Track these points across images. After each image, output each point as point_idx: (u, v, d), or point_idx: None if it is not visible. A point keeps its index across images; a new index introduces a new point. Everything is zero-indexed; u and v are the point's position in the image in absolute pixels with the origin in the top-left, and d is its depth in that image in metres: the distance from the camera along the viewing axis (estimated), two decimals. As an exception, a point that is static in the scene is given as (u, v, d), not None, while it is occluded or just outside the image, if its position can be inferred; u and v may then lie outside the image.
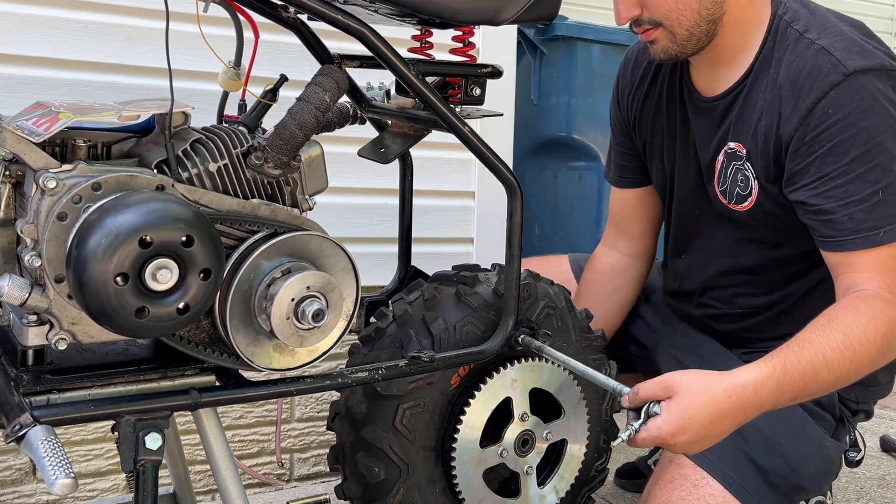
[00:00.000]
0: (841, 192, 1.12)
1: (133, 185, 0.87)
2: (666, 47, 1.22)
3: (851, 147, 1.11)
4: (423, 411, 1.16)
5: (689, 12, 1.18)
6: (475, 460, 1.19)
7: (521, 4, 1.07)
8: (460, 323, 1.18)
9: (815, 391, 1.06)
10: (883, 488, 1.85)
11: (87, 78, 1.66)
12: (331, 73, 1.00)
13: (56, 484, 0.74)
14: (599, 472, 1.34)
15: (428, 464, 1.19)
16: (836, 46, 1.15)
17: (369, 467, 1.16)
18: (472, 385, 1.18)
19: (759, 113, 1.21)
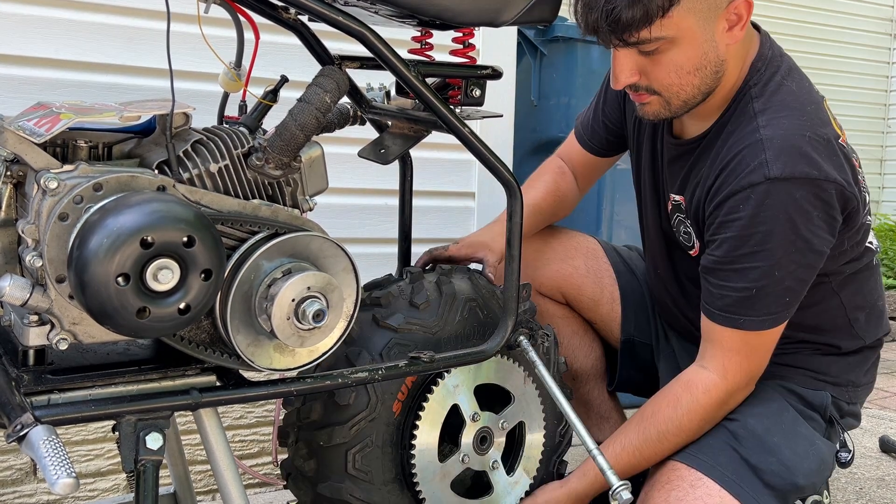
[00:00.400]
0: (724, 276, 1.21)
1: (134, 186, 0.87)
2: (658, 112, 1.25)
3: (745, 244, 1.18)
4: (372, 449, 1.14)
5: (689, 87, 1.21)
6: (439, 476, 1.18)
7: (520, 6, 1.07)
8: (385, 350, 1.15)
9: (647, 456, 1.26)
10: (882, 489, 1.86)
11: (89, 79, 1.67)
12: (331, 74, 1.00)
13: (57, 483, 0.74)
14: (563, 436, 1.35)
15: (393, 495, 1.17)
16: (774, 144, 1.17)
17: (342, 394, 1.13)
18: (415, 405, 1.17)
19: (700, 179, 1.27)
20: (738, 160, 1.19)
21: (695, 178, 1.29)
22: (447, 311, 1.20)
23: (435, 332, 1.18)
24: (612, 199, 2.32)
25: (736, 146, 1.21)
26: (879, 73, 5.03)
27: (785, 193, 1.15)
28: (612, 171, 2.30)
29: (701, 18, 1.15)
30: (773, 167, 1.15)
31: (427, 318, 1.18)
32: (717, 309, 1.22)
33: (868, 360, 1.40)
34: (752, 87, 1.24)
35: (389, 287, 1.21)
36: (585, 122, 1.55)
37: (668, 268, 1.45)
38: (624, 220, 2.30)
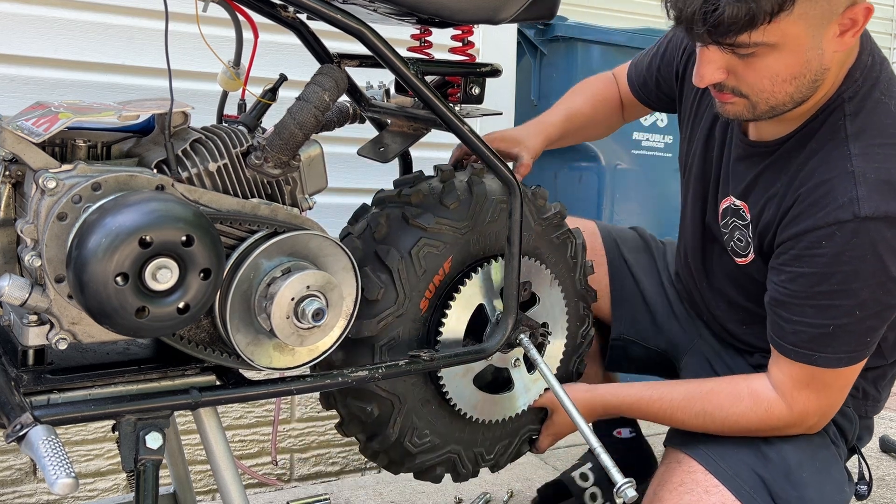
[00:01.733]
0: (798, 310, 1.13)
1: (133, 185, 0.87)
2: (740, 114, 1.13)
3: (824, 281, 1.09)
4: (399, 343, 1.14)
5: (782, 95, 1.09)
6: (462, 372, 1.19)
7: (519, 3, 1.07)
8: (415, 248, 1.13)
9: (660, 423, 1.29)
10: (882, 488, 1.85)
11: (89, 78, 1.67)
12: (330, 72, 1.00)
13: (57, 483, 0.74)
14: (585, 338, 1.37)
15: (417, 388, 1.18)
16: (868, 178, 1.07)
17: (362, 408, 1.15)
18: (441, 304, 1.17)
19: (773, 195, 1.17)
20: (825, 191, 1.08)
21: (765, 190, 1.18)
22: (477, 212, 1.18)
23: (464, 232, 1.17)
24: (612, 199, 2.32)
25: (822, 172, 1.10)
26: None
27: (875, 232, 1.06)
28: (613, 170, 2.31)
29: (811, 25, 1.03)
30: (864, 206, 1.05)
31: (457, 217, 1.16)
32: (788, 343, 1.14)
33: (886, 376, 1.33)
34: (847, 101, 1.12)
35: (419, 185, 1.18)
36: (639, 69, 1.47)
37: (700, 259, 1.37)
38: (624, 219, 2.30)
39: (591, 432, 1.18)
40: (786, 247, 1.13)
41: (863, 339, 1.12)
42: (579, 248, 1.33)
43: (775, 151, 1.18)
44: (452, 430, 1.23)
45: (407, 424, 1.18)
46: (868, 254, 1.06)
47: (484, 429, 1.26)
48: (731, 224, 1.26)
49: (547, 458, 2.01)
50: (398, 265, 1.12)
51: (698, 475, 1.20)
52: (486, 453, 1.28)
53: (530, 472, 1.92)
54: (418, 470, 1.24)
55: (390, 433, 1.17)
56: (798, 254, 1.11)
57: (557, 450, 2.06)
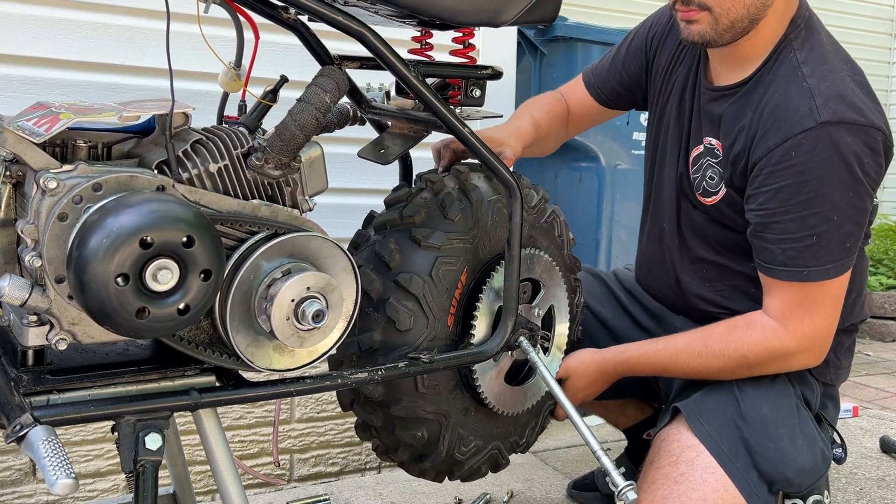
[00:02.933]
0: (781, 228, 1.21)
1: (133, 186, 0.87)
2: (704, 31, 1.25)
3: (800, 191, 1.19)
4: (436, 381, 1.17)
5: (740, 6, 1.23)
6: (495, 373, 1.22)
7: (520, 6, 1.07)
8: (434, 269, 1.13)
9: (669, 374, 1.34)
10: (883, 489, 1.86)
11: (88, 78, 1.67)
12: (331, 74, 1.00)
13: (57, 484, 0.74)
14: (578, 306, 1.42)
15: (458, 401, 1.21)
16: (822, 91, 1.20)
17: (413, 435, 1.18)
18: (466, 316, 1.19)
19: (742, 126, 1.28)
20: (786, 108, 1.21)
21: (735, 124, 1.29)
22: (479, 218, 1.19)
23: (473, 241, 1.18)
24: (612, 199, 2.32)
25: (782, 95, 1.23)
26: (880, 73, 5.04)
27: (837, 136, 1.17)
28: (613, 170, 2.32)
29: None
30: (823, 112, 1.18)
31: (463, 228, 1.17)
32: (777, 265, 1.22)
33: (845, 344, 1.41)
34: (793, 40, 1.27)
35: (415, 201, 1.18)
36: (598, 71, 1.57)
37: (674, 220, 1.44)
38: (624, 219, 2.30)
39: (592, 435, 1.18)
40: (759, 167, 1.23)
41: (843, 245, 1.21)
42: (563, 224, 1.35)
43: (738, 90, 1.31)
44: (491, 428, 1.26)
45: (454, 438, 1.20)
46: (833, 157, 1.17)
47: (516, 418, 1.30)
48: (704, 164, 1.36)
49: (547, 459, 2.01)
50: (422, 290, 1.13)
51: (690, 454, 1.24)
52: (520, 438, 1.32)
53: (530, 473, 1.92)
54: (467, 475, 1.28)
55: (441, 450, 1.19)
56: (772, 170, 1.21)
57: (558, 451, 2.06)
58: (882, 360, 3.43)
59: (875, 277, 4.09)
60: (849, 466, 1.99)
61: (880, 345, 3.74)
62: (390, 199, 1.25)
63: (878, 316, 3.86)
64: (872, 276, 4.13)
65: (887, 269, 4.24)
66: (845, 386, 2.88)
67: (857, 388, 2.91)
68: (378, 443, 1.25)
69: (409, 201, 1.19)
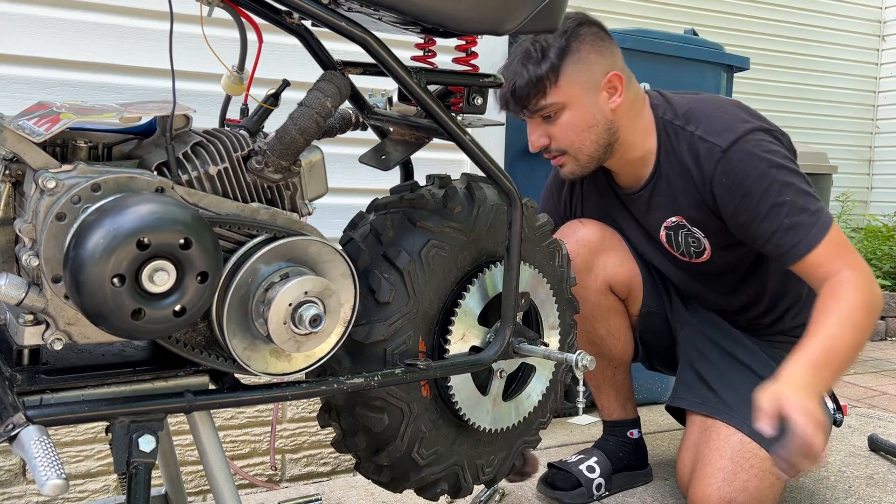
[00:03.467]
0: (766, 226, 1.43)
1: (132, 187, 0.87)
2: (573, 170, 1.55)
3: (752, 195, 1.43)
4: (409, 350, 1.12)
5: (588, 142, 1.51)
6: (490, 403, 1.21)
7: (524, 15, 1.07)
8: (424, 249, 1.13)
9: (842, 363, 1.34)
10: (871, 487, 1.86)
11: (79, 78, 1.67)
12: (333, 78, 1.00)
13: (47, 485, 0.74)
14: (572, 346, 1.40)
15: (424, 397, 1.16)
16: (708, 132, 1.50)
17: (374, 418, 1.13)
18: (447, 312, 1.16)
19: (679, 190, 1.54)
20: (697, 156, 1.49)
21: (673, 194, 1.55)
22: (479, 215, 1.20)
23: (468, 235, 1.18)
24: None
25: (690, 151, 1.51)
26: (868, 74, 5.08)
27: (742, 150, 1.45)
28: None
29: (584, 88, 1.48)
30: (720, 142, 1.47)
31: (460, 220, 1.17)
32: (790, 249, 1.41)
33: None
34: (668, 120, 1.55)
35: (419, 190, 1.20)
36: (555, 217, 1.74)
37: (677, 271, 1.69)
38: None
39: None
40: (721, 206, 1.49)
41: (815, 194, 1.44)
42: (564, 258, 1.35)
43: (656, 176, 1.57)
44: (457, 440, 1.22)
45: (416, 433, 1.16)
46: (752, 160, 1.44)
47: (485, 438, 1.26)
48: (681, 235, 1.61)
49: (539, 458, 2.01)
50: (409, 266, 1.12)
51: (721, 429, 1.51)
52: (486, 466, 1.27)
53: (522, 474, 1.91)
54: (422, 485, 1.22)
55: (400, 444, 1.15)
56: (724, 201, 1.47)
57: (549, 449, 2.06)
58: (870, 358, 3.45)
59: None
60: (837, 465, 2.00)
61: (868, 344, 3.74)
62: (396, 187, 1.26)
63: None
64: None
65: (875, 268, 4.27)
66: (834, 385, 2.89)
67: (846, 386, 2.92)
68: (338, 429, 1.21)
69: (415, 190, 1.21)
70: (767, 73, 4.52)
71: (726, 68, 2.53)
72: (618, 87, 1.51)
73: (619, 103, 1.51)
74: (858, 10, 5.01)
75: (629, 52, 2.29)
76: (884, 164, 5.11)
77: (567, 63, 1.46)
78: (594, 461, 1.76)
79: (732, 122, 1.48)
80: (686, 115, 1.54)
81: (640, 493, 1.80)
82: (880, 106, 5.12)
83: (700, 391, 1.62)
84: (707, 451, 1.53)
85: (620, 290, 1.71)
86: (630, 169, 1.60)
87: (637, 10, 4.08)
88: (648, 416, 2.31)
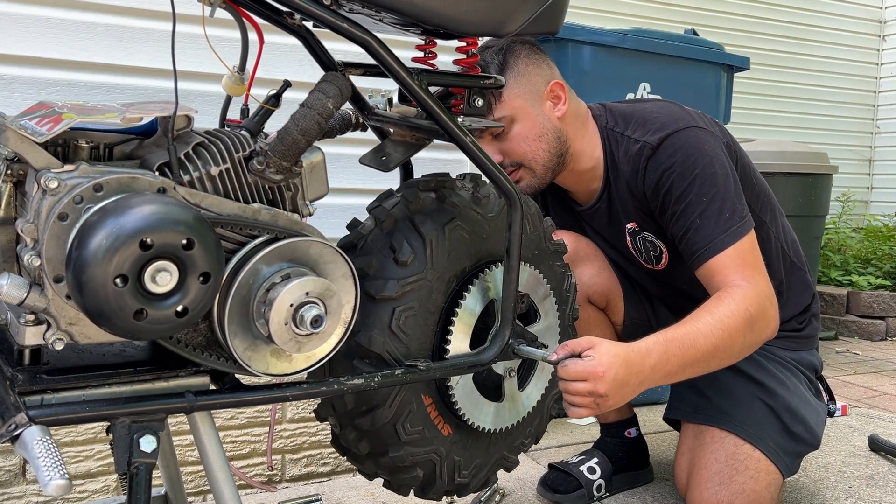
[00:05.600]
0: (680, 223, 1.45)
1: (134, 187, 0.87)
2: (530, 183, 1.55)
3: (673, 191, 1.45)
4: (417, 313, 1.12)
5: (541, 151, 1.52)
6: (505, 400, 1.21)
7: (524, 17, 1.07)
8: (450, 225, 1.15)
9: (697, 357, 1.30)
10: (871, 487, 1.86)
11: (79, 77, 1.67)
12: (334, 80, 1.00)
13: (50, 485, 0.74)
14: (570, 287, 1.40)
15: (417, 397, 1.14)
16: (641, 133, 1.52)
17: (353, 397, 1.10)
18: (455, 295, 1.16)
19: (627, 196, 1.57)
20: (633, 158, 1.52)
21: (625, 202, 1.58)
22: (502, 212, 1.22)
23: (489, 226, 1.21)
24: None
25: (628, 155, 1.54)
26: (868, 74, 5.09)
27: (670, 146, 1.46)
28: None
29: (528, 99, 1.50)
30: (650, 140, 1.49)
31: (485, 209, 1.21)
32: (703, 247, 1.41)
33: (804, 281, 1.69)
34: (609, 127, 1.58)
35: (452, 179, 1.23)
36: None
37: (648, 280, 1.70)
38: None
39: None
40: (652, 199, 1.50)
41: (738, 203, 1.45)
42: (572, 285, 1.36)
43: (609, 185, 1.59)
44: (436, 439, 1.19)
45: (404, 406, 1.13)
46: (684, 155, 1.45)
47: (467, 440, 1.23)
48: (640, 240, 1.62)
49: (539, 459, 2.02)
50: (432, 235, 1.13)
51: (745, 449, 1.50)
52: (464, 468, 1.23)
53: (523, 472, 1.92)
54: (397, 465, 1.16)
55: (387, 411, 1.12)
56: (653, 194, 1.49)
57: (549, 449, 2.07)
58: (871, 359, 3.45)
59: (863, 277, 4.13)
60: (838, 465, 2.01)
61: (869, 344, 3.76)
62: (430, 174, 1.26)
63: (866, 315, 3.91)
64: (861, 275, 4.16)
65: (875, 268, 4.27)
66: (834, 385, 2.90)
67: (846, 386, 2.93)
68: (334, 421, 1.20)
69: (448, 177, 1.24)
70: (767, 73, 4.53)
71: (726, 68, 2.54)
72: (561, 96, 1.53)
73: (565, 111, 1.53)
74: (858, 10, 5.01)
75: (629, 52, 2.30)
76: (884, 164, 5.12)
77: (508, 77, 1.48)
78: (595, 462, 1.77)
79: (666, 121, 1.49)
80: (625, 121, 1.56)
81: (640, 494, 1.81)
82: (880, 106, 5.13)
83: (693, 400, 1.62)
84: (702, 455, 1.53)
85: (599, 300, 1.71)
86: (583, 183, 1.61)
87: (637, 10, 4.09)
88: (648, 416, 2.32)
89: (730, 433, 1.52)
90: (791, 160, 3.06)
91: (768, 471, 1.49)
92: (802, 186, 3.07)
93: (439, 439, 1.19)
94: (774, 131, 4.50)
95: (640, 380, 1.22)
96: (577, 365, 1.16)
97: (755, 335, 1.36)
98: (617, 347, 1.20)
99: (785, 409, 1.55)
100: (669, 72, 2.38)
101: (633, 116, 1.56)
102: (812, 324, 1.70)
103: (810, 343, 1.71)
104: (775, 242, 1.64)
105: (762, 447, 1.50)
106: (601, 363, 1.16)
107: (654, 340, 1.27)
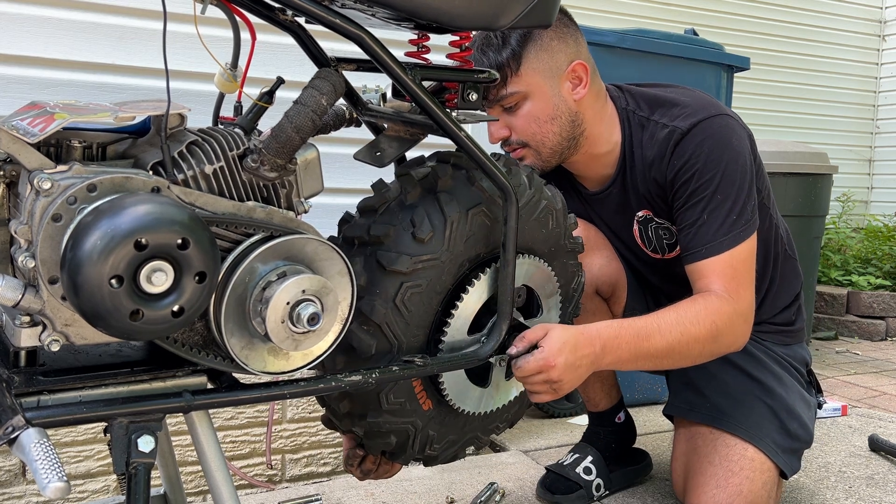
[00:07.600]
0: (689, 214, 1.42)
1: (128, 187, 0.86)
2: (533, 163, 1.47)
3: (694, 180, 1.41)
4: (423, 293, 1.12)
5: (551, 135, 1.44)
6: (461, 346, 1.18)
7: (518, 10, 1.07)
8: (475, 209, 1.13)
9: (651, 351, 1.29)
10: (871, 487, 1.87)
11: (78, 77, 1.66)
12: (328, 76, 1.00)
13: (49, 487, 0.74)
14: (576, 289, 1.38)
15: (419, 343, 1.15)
16: (672, 117, 1.45)
17: (362, 339, 1.10)
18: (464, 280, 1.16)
19: (645, 181, 1.50)
20: (660, 143, 1.44)
21: (640, 189, 1.51)
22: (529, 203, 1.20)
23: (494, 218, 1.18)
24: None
25: (653, 141, 1.46)
26: (868, 74, 5.10)
27: (700, 133, 1.41)
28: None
29: (546, 77, 1.41)
30: (681, 125, 1.43)
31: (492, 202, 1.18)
32: (699, 247, 1.39)
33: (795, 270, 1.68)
34: (631, 110, 1.50)
35: None
36: None
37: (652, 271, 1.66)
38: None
39: None
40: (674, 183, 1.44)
41: (748, 203, 1.41)
42: (581, 285, 1.35)
43: (624, 170, 1.52)
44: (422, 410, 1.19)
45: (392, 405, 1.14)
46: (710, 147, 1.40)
47: (445, 417, 1.23)
48: (650, 229, 1.57)
49: (538, 459, 2.02)
50: (454, 216, 1.12)
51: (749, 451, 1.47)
52: (436, 442, 1.23)
53: (522, 472, 1.92)
54: (373, 429, 1.17)
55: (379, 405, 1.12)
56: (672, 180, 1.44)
57: (549, 450, 2.07)
58: (870, 359, 3.46)
59: (863, 277, 4.13)
60: (838, 465, 2.01)
61: (868, 344, 3.77)
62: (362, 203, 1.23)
63: (866, 315, 3.92)
64: (861, 275, 4.17)
65: (875, 268, 4.28)
66: (834, 385, 2.91)
67: (846, 387, 2.93)
68: None
69: None
70: (767, 73, 4.53)
71: (726, 68, 2.53)
72: (582, 78, 1.44)
73: (584, 94, 1.44)
74: (858, 10, 5.01)
75: (629, 52, 2.30)
76: (884, 164, 5.13)
77: (529, 50, 1.38)
78: (590, 461, 1.76)
79: (697, 108, 1.44)
80: (649, 105, 1.49)
81: (640, 494, 1.81)
82: (880, 106, 5.13)
83: (687, 396, 1.60)
84: (696, 459, 1.52)
85: (605, 290, 1.68)
86: (595, 167, 1.55)
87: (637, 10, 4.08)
88: (648, 416, 2.32)
89: (722, 432, 1.50)
90: (791, 160, 3.05)
91: (762, 469, 1.48)
92: (802, 186, 3.06)
93: (419, 413, 1.19)
94: (774, 131, 4.50)
95: (591, 361, 1.23)
96: (529, 363, 1.17)
97: (717, 346, 1.36)
98: (566, 333, 1.20)
99: (783, 407, 1.54)
100: (669, 72, 2.37)
101: (660, 100, 1.49)
102: (801, 314, 1.71)
103: (801, 336, 1.70)
104: (776, 231, 1.63)
105: (762, 447, 1.48)
106: (551, 353, 1.16)
107: (608, 325, 1.27)
